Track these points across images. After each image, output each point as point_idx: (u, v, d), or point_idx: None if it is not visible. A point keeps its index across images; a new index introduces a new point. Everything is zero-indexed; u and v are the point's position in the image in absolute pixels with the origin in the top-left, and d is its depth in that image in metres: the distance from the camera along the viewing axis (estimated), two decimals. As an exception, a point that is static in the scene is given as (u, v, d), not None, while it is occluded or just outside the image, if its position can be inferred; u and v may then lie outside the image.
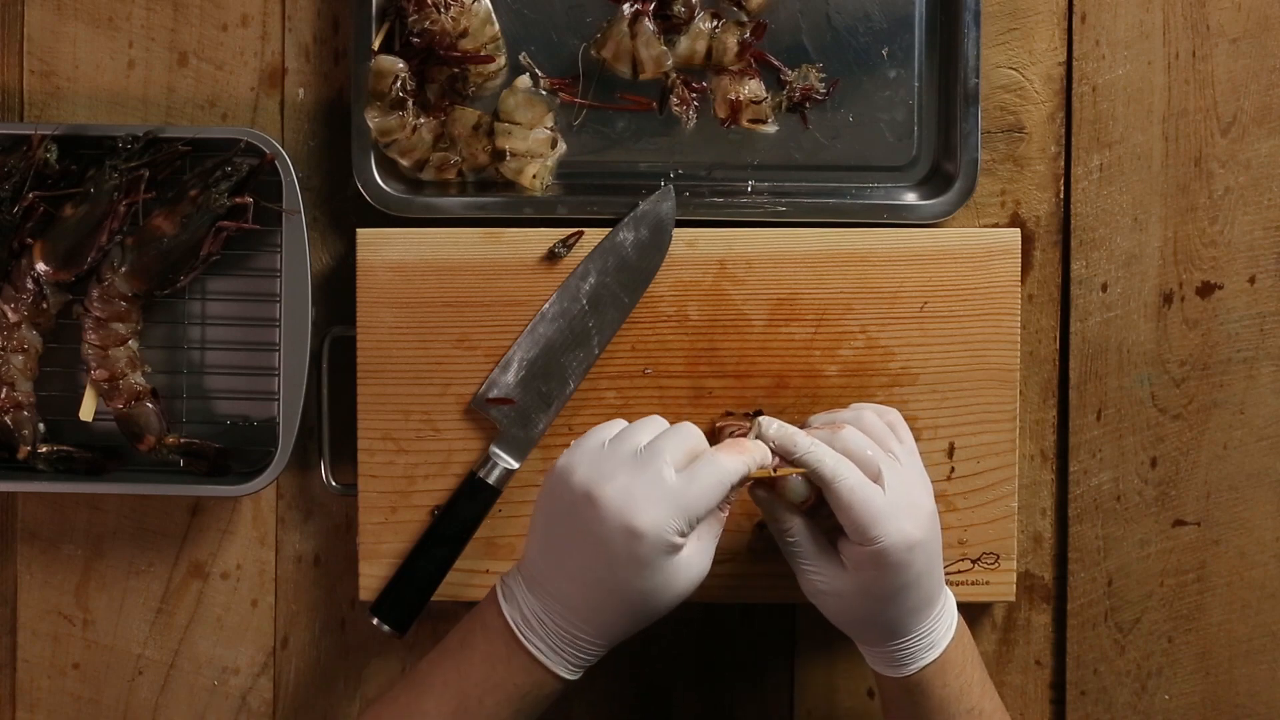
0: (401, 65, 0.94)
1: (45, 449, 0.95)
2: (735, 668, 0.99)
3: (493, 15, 0.96)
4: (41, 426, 0.96)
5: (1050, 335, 0.99)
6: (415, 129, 0.95)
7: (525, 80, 0.96)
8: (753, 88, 0.96)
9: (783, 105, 0.97)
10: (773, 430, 0.81)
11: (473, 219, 0.96)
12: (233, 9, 0.98)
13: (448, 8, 0.94)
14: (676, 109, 0.97)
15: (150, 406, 0.95)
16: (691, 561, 0.80)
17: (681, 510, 0.78)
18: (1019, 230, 0.96)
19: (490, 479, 0.94)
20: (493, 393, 0.95)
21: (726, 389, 0.95)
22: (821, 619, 0.85)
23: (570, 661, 0.81)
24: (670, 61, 0.96)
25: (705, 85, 0.97)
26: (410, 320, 0.95)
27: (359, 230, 0.95)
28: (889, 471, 0.81)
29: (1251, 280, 0.98)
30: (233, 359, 0.98)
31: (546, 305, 0.95)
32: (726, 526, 0.94)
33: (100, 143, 0.94)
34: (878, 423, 0.84)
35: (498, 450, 0.94)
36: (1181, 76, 0.98)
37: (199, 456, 0.96)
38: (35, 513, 0.99)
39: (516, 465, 0.94)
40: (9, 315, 0.94)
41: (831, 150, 0.98)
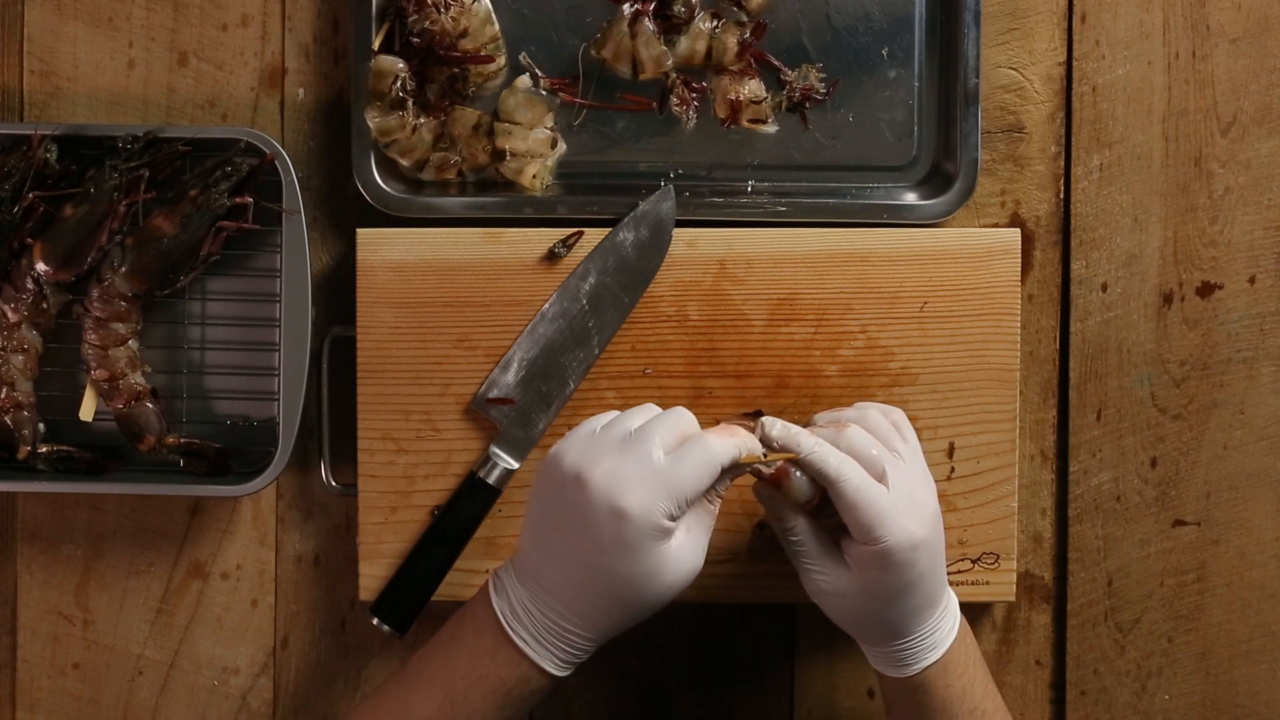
0: (401, 65, 0.94)
1: (45, 449, 0.95)
2: (735, 668, 0.99)
3: (493, 15, 0.96)
4: (41, 426, 0.96)
5: (1050, 335, 0.99)
6: (415, 129, 0.95)
7: (525, 80, 0.96)
8: (753, 88, 0.96)
9: (783, 105, 0.97)
10: (776, 430, 0.81)
11: (473, 219, 0.96)
12: (233, 9, 0.98)
13: (448, 8, 0.94)
14: (676, 109, 0.97)
15: (150, 406, 0.95)
16: (681, 554, 0.79)
17: (669, 491, 0.77)
18: (1019, 230, 0.96)
19: (490, 479, 0.94)
20: (493, 393, 0.95)
21: (726, 389, 0.95)
22: (821, 619, 0.85)
23: (558, 656, 0.81)
24: (670, 61, 0.96)
25: (705, 85, 0.97)
26: (410, 320, 0.95)
27: (359, 230, 0.95)
28: (893, 471, 0.81)
29: (1251, 280, 0.98)
30: (233, 359, 0.98)
31: (546, 305, 0.95)
32: (727, 526, 0.95)
33: (100, 143, 0.94)
34: (882, 421, 0.84)
35: (498, 450, 0.94)
36: (1181, 76, 0.98)
37: (199, 456, 0.96)
38: (35, 513, 0.99)
39: (516, 465, 0.94)
40: (9, 315, 0.94)
41: (831, 150, 0.97)
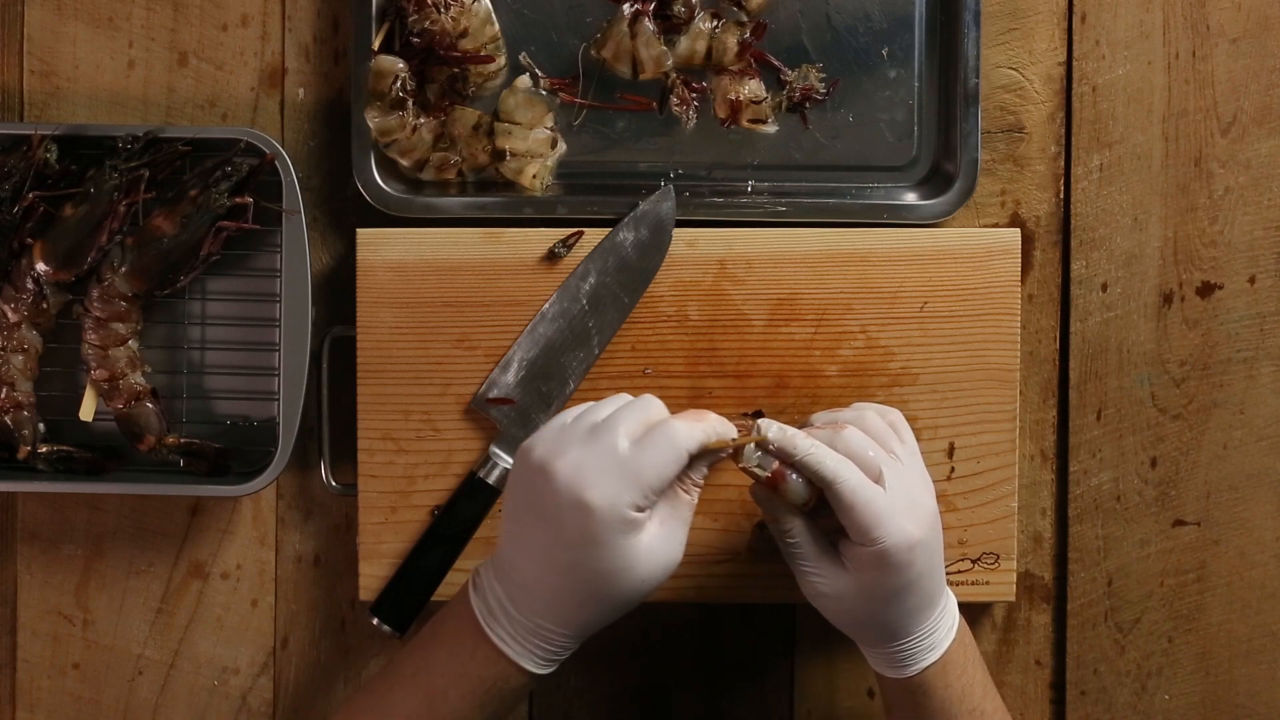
0: (401, 65, 0.94)
1: (45, 449, 0.95)
2: (735, 668, 0.99)
3: (493, 15, 0.96)
4: (41, 426, 0.96)
5: (1050, 335, 0.99)
6: (415, 129, 0.95)
7: (525, 80, 0.96)
8: (753, 88, 0.96)
9: (783, 105, 0.97)
10: (772, 432, 0.80)
11: (473, 219, 0.96)
12: (233, 9, 0.98)
13: (448, 8, 0.94)
14: (676, 109, 0.97)
15: (150, 406, 0.95)
16: (654, 547, 0.78)
17: (633, 482, 0.76)
18: (1019, 230, 0.96)
19: (490, 479, 0.94)
20: (493, 393, 0.95)
21: (726, 389, 0.95)
22: (821, 619, 0.85)
23: (536, 654, 0.80)
24: (670, 61, 0.96)
25: (705, 85, 0.97)
26: (410, 320, 0.95)
27: (359, 230, 0.95)
28: (890, 472, 0.81)
29: (1251, 280, 0.98)
30: (233, 359, 0.98)
31: (546, 305, 0.95)
32: (727, 526, 0.95)
33: (100, 143, 0.94)
34: (879, 422, 0.84)
35: (498, 450, 0.94)
36: (1181, 76, 0.98)
37: (199, 456, 0.96)
38: (35, 513, 0.99)
39: (516, 465, 0.94)
40: (9, 315, 0.94)
41: (831, 150, 0.97)
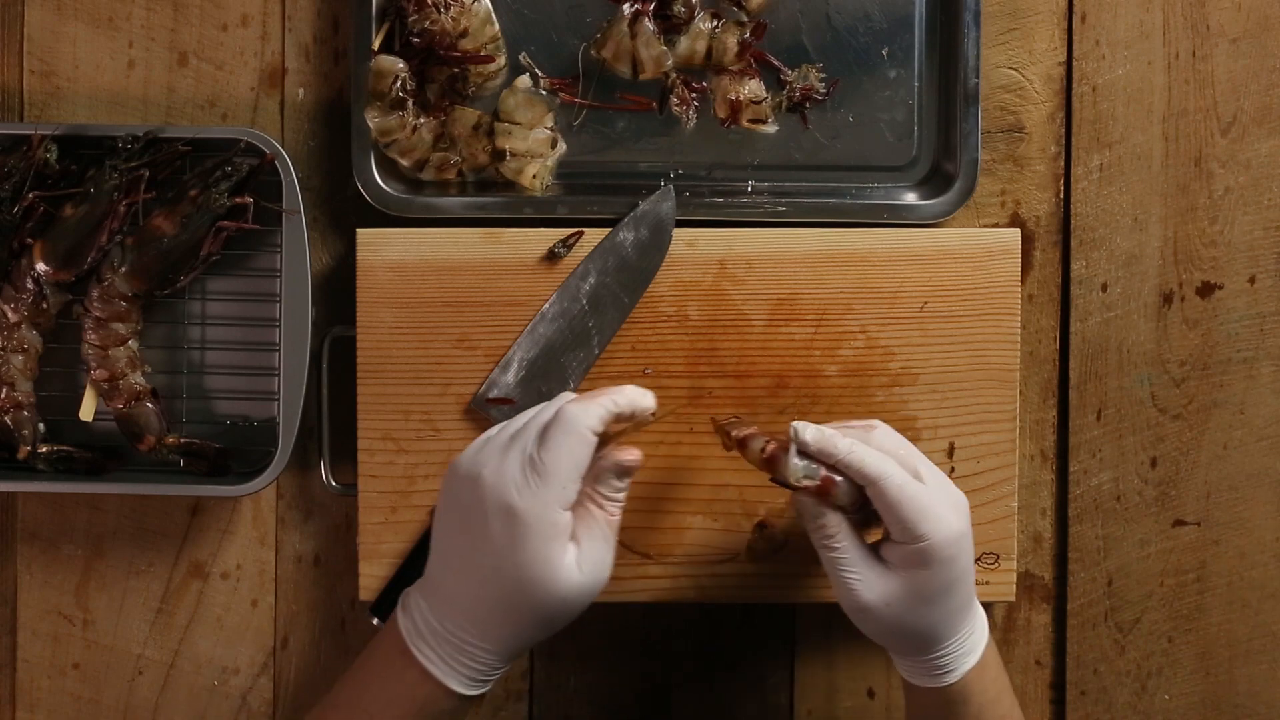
0: (401, 65, 0.94)
1: (45, 449, 0.95)
2: (735, 668, 0.99)
3: (493, 15, 0.96)
4: (41, 426, 0.96)
5: (1050, 335, 0.99)
6: (415, 129, 0.95)
7: (525, 80, 0.96)
8: (753, 88, 0.96)
9: (783, 105, 0.97)
10: (809, 434, 0.79)
11: (473, 219, 0.96)
12: (233, 9, 0.98)
13: (448, 8, 0.94)
14: (676, 109, 0.97)
15: (150, 406, 0.95)
16: (577, 565, 0.77)
17: (548, 478, 0.76)
18: (1019, 230, 0.96)
19: (490, 479, 0.94)
20: (493, 393, 0.95)
21: (726, 389, 0.95)
22: (821, 619, 0.85)
23: (463, 674, 0.79)
24: (670, 61, 0.96)
25: (705, 85, 0.97)
26: (410, 320, 0.95)
27: (359, 230, 0.95)
28: (924, 466, 0.81)
29: (1251, 280, 0.98)
30: (233, 359, 0.98)
31: (546, 305, 0.95)
32: (727, 527, 0.95)
33: (100, 143, 0.94)
34: (885, 425, 0.84)
35: (498, 450, 0.94)
36: (1181, 76, 0.98)
37: (199, 456, 0.96)
38: (35, 513, 0.99)
39: (516, 465, 0.94)
40: (9, 315, 0.94)
41: (831, 150, 0.97)
